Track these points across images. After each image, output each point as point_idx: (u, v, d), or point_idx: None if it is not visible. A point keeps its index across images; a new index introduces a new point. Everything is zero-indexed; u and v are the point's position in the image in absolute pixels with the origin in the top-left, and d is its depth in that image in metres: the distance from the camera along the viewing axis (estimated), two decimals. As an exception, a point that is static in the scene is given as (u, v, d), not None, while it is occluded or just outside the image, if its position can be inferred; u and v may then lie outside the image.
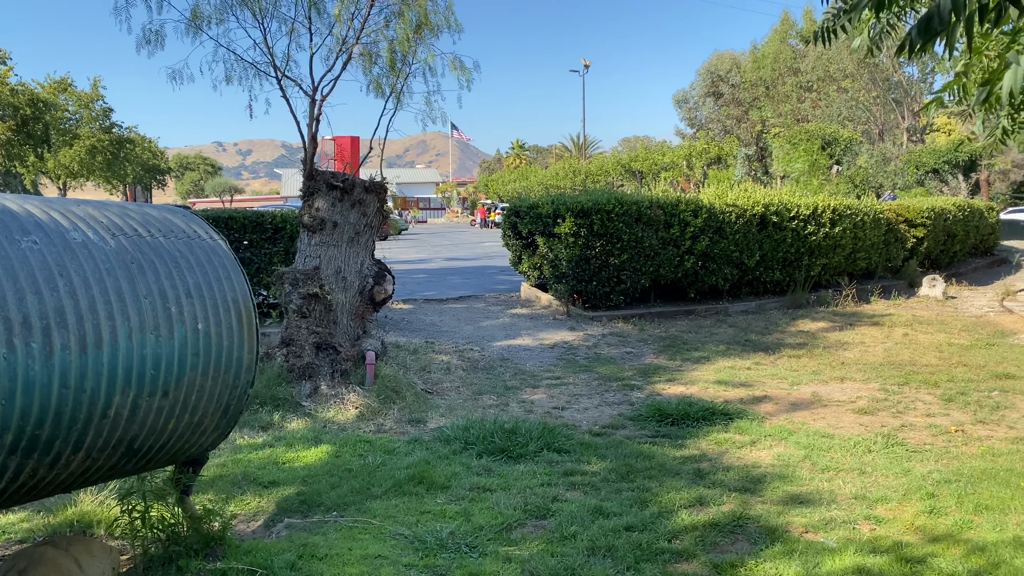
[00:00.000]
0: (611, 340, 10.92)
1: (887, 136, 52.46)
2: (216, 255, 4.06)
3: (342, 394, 7.12)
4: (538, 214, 12.47)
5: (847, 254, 15.10)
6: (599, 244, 12.08)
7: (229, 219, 10.20)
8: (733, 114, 61.61)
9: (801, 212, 14.08)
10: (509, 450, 5.94)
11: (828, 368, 9.33)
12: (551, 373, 8.99)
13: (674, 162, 40.54)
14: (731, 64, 63.04)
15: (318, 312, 7.47)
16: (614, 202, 12.10)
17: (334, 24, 7.41)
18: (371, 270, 7.92)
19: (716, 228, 13.08)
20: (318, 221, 7.62)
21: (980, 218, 21.15)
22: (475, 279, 17.78)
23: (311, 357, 7.34)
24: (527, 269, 13.68)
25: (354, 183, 7.69)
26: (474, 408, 7.41)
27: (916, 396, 8.00)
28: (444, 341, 10.50)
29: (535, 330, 11.56)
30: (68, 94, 45.09)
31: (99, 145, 44.21)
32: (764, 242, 13.68)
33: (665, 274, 12.87)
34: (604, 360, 9.73)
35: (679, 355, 10.04)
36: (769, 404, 7.68)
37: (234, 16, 6.88)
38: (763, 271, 13.89)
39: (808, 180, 25.65)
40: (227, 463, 5.81)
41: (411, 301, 13.75)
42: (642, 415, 7.14)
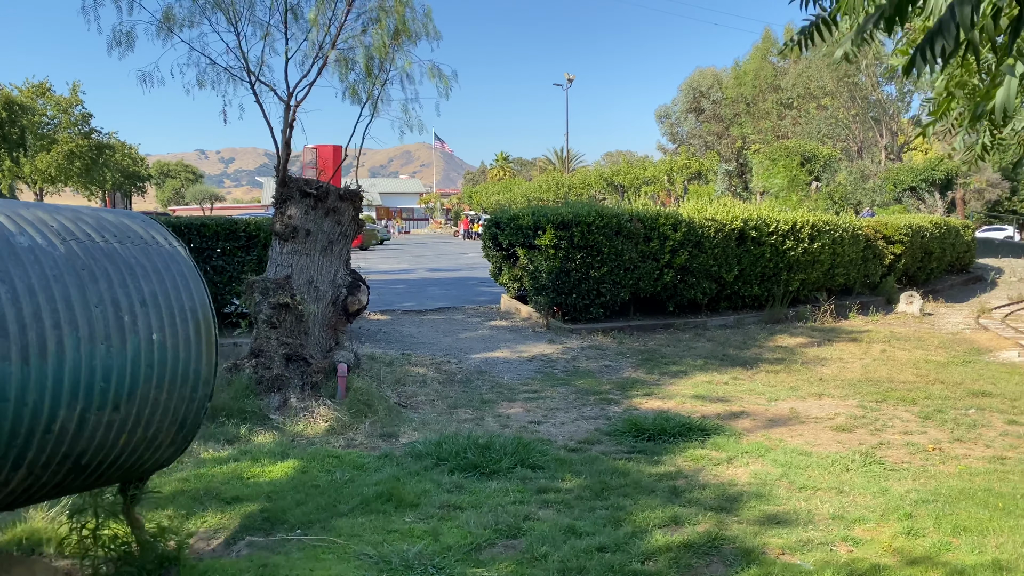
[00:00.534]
0: (590, 353, 10.81)
1: (865, 153, 52.98)
2: (175, 262, 3.90)
3: (312, 407, 6.95)
4: (519, 225, 12.36)
5: (825, 270, 15.12)
6: (579, 256, 11.99)
7: (201, 226, 10.01)
8: (714, 130, 62.01)
9: (780, 227, 14.08)
10: (482, 466, 5.80)
11: (806, 384, 9.27)
12: (529, 386, 8.86)
13: (655, 176, 40.68)
14: (713, 80, 63.50)
15: (289, 323, 7.30)
16: (594, 215, 12.02)
17: (310, 29, 7.28)
18: (345, 280, 7.77)
19: (695, 242, 13.04)
20: (290, 229, 7.47)
21: (956, 236, 21.32)
22: (455, 290, 17.64)
23: (281, 369, 7.16)
24: (507, 281, 13.56)
25: (328, 191, 7.55)
26: (449, 422, 7.26)
27: (894, 413, 7.95)
28: (421, 353, 10.34)
29: (514, 343, 11.43)
30: (46, 99, 44.56)
31: (77, 151, 43.68)
32: (743, 257, 13.65)
33: (644, 287, 12.80)
34: (582, 373, 9.61)
35: (657, 369, 9.95)
36: (746, 420, 7.59)
37: (207, 19, 6.74)
38: (742, 286, 13.86)
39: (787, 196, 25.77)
40: (190, 477, 5.63)
41: (389, 312, 13.58)
42: (619, 430, 7.02)
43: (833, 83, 50.96)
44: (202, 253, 10.06)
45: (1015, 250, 30.87)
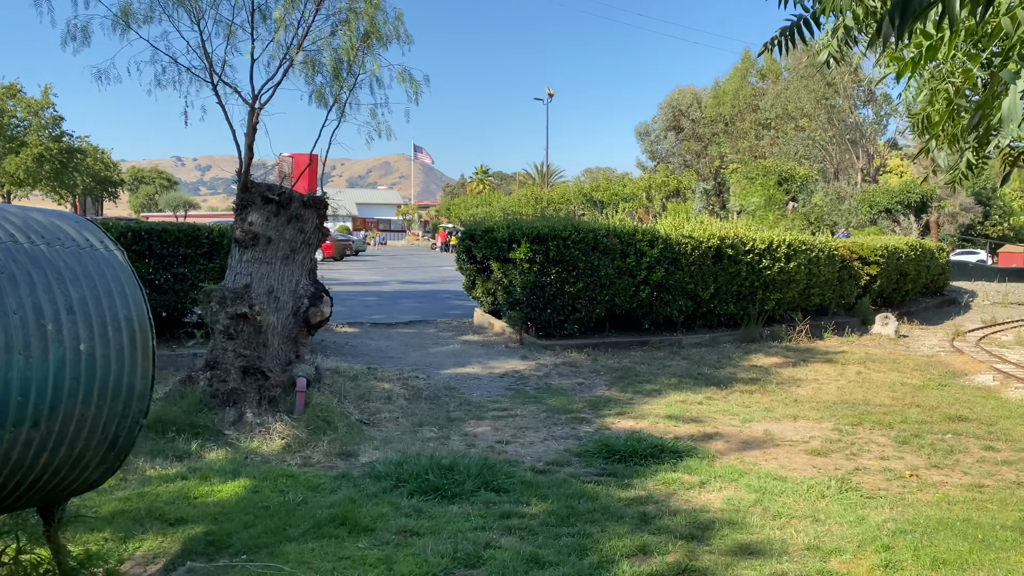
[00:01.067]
0: (563, 370, 10.57)
1: (842, 175, 53.45)
2: (110, 267, 3.61)
3: (268, 423, 6.64)
4: (493, 238, 12.13)
5: (801, 289, 15.02)
6: (554, 271, 11.77)
7: (162, 232, 9.66)
8: (693, 148, 62.36)
9: (756, 246, 13.96)
10: (444, 489, 5.52)
11: (781, 405, 9.08)
12: (498, 404, 8.59)
13: (634, 193, 40.71)
14: (692, 99, 63.94)
15: (247, 334, 6.99)
16: (571, 229, 11.82)
17: (276, 29, 7.01)
18: (307, 290, 7.47)
19: (672, 259, 12.87)
20: (251, 236, 7.17)
21: (931, 258, 21.39)
22: (429, 303, 17.36)
23: (237, 382, 6.85)
24: (481, 295, 13.31)
25: (291, 197, 7.26)
26: (412, 441, 6.97)
27: (870, 437, 7.77)
28: (388, 368, 10.05)
29: (486, 358, 11.16)
30: (16, 100, 43.82)
31: (47, 154, 42.94)
32: (719, 275, 13.51)
33: (620, 304, 12.60)
34: (555, 391, 9.36)
35: (631, 387, 9.73)
36: (720, 442, 7.37)
37: (166, 15, 6.45)
38: (717, 304, 13.71)
39: (764, 215, 25.78)
40: (132, 497, 5.30)
41: (358, 325, 13.27)
42: (589, 451, 6.78)
43: (811, 104, 51.42)
44: (163, 260, 9.72)
45: (987, 274, 31.15)
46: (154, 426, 6.44)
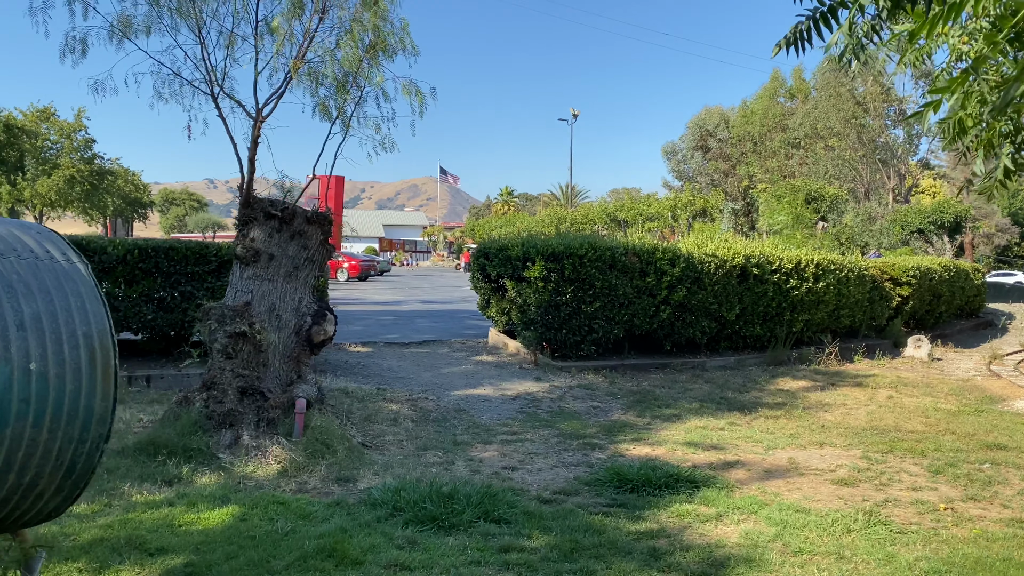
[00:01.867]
0: (578, 393, 10.22)
1: (872, 195, 52.62)
2: (70, 281, 3.37)
3: (265, 446, 6.37)
4: (507, 256, 11.84)
5: (830, 310, 14.54)
6: (570, 290, 11.45)
7: (169, 249, 9.51)
8: (720, 168, 61.85)
9: (783, 265, 13.54)
10: (442, 518, 5.20)
11: (807, 431, 8.65)
12: (508, 428, 8.26)
13: (659, 213, 40.29)
14: (720, 119, 63.52)
15: (246, 353, 6.75)
16: (587, 247, 11.50)
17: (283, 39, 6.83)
18: (310, 308, 7.23)
19: (694, 278, 12.50)
20: (252, 252, 6.95)
21: (966, 279, 20.73)
22: (445, 323, 17.09)
23: (234, 403, 6.59)
24: (495, 314, 13.01)
25: (295, 212, 7.04)
26: (415, 466, 6.66)
27: (901, 466, 7.33)
28: (398, 388, 9.77)
29: (498, 379, 10.84)
30: (50, 123, 44.57)
31: (78, 175, 43.54)
32: (744, 295, 13.10)
33: (640, 324, 12.23)
34: (568, 415, 9.02)
35: (649, 412, 9.35)
36: (741, 470, 6.98)
37: (164, 26, 6.28)
38: (743, 325, 13.29)
39: (792, 233, 25.25)
40: (114, 524, 5.04)
41: (371, 344, 13.02)
42: (600, 479, 6.42)
43: (840, 124, 50.78)
44: (170, 278, 9.56)
45: (1025, 295, 30.24)
46: (146, 449, 6.21)
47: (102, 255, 9.17)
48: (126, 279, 9.37)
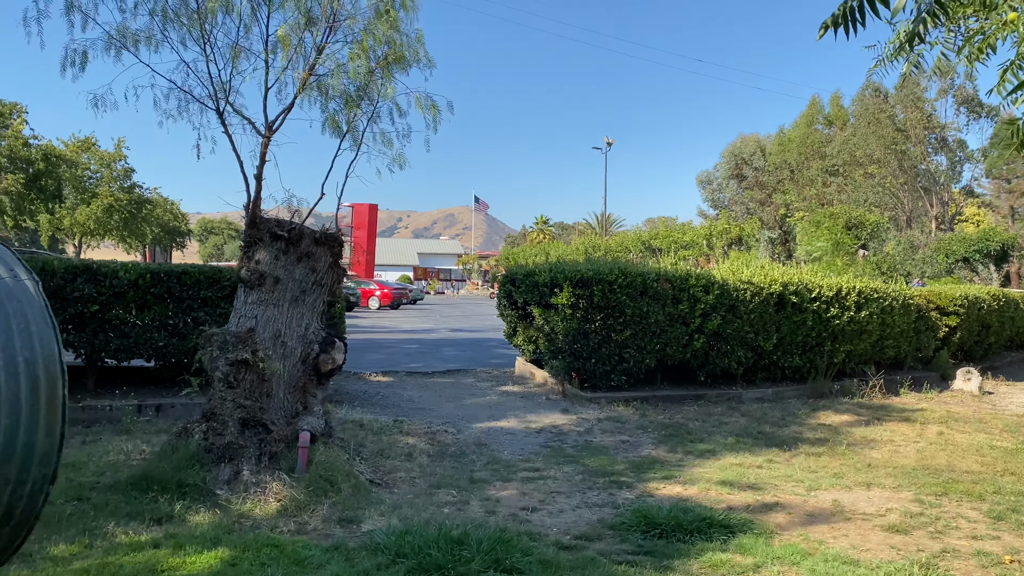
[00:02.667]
0: (607, 426, 9.68)
1: (915, 223, 51.35)
2: (13, 300, 2.99)
3: (264, 482, 5.95)
4: (534, 282, 11.39)
5: (874, 341, 13.83)
6: (599, 318, 10.95)
7: (182, 274, 9.23)
8: (756, 197, 60.94)
9: (823, 293, 12.90)
10: (448, 567, 4.71)
11: (852, 470, 8.01)
12: (530, 464, 7.75)
13: (694, 241, 39.61)
14: (755, 147, 62.76)
15: (249, 382, 6.36)
16: (617, 273, 11.01)
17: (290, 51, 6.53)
18: (318, 335, 6.83)
19: (729, 306, 11.92)
20: (257, 275, 6.60)
21: (1016, 309, 19.79)
22: (472, 351, 16.65)
23: (234, 435, 6.20)
24: (522, 342, 12.54)
25: (302, 233, 6.68)
26: (425, 506, 6.19)
27: (958, 511, 6.68)
28: (417, 420, 9.32)
29: (523, 411, 10.34)
30: (91, 153, 45.35)
31: (116, 204, 44.15)
32: (782, 324, 12.48)
33: (672, 354, 11.67)
34: (595, 450, 8.48)
35: (681, 447, 8.77)
36: (781, 514, 6.39)
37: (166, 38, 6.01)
38: (781, 355, 12.65)
39: (832, 260, 24.46)
40: (91, 568, 4.63)
41: (393, 373, 12.62)
42: (626, 523, 5.88)
43: (880, 151, 49.75)
44: (182, 303, 9.26)
45: (1079, 326, 28.95)
46: (138, 483, 5.83)
47: (113, 279, 8.92)
48: (137, 304, 9.10)
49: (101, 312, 8.94)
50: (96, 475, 6.28)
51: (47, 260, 8.71)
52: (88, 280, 8.80)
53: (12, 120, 38.40)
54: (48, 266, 8.65)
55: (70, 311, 8.81)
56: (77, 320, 8.95)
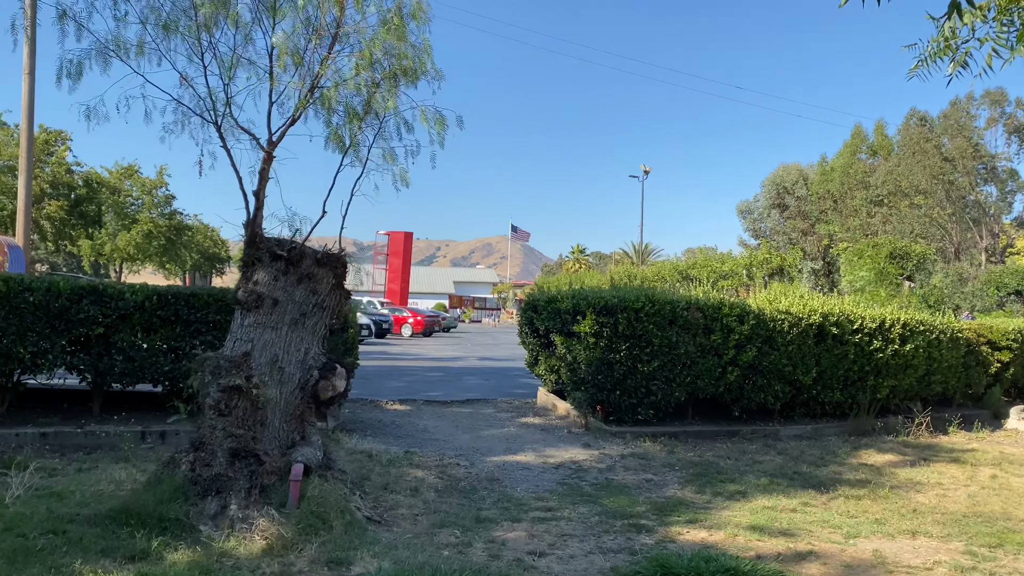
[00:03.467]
0: (631, 463, 9.13)
1: (963, 255, 49.82)
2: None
3: (252, 518, 5.54)
4: (556, 309, 10.93)
5: (920, 376, 13.07)
6: (625, 347, 10.43)
7: (190, 296, 8.94)
8: (799, 227, 59.79)
9: (866, 325, 12.22)
10: (435, 619, 4.24)
11: (896, 516, 7.36)
12: (543, 502, 7.24)
13: (733, 271, 38.78)
14: (797, 176, 61.71)
15: (242, 410, 5.99)
16: (644, 300, 10.50)
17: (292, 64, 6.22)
18: (317, 361, 6.45)
19: (765, 337, 11.32)
20: (255, 297, 6.25)
21: (1075, 344, 18.73)
22: (495, 380, 16.18)
23: (223, 467, 5.81)
24: (544, 372, 12.04)
25: (303, 253, 6.34)
26: (424, 546, 5.72)
27: (1015, 566, 6.02)
28: (429, 452, 8.88)
29: (542, 444, 9.84)
30: (133, 180, 46.14)
31: (155, 231, 44.76)
32: (822, 356, 11.82)
33: (704, 387, 11.09)
34: (615, 489, 7.94)
35: (710, 487, 8.19)
36: (815, 564, 5.81)
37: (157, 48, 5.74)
38: (821, 390, 11.98)
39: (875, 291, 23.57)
40: (48, 611, 4.26)
41: (410, 402, 12.20)
42: (641, 572, 5.34)
43: (927, 181, 48.49)
44: (190, 327, 8.98)
45: None
46: (118, 517, 5.46)
47: (119, 301, 8.67)
48: (144, 327, 8.83)
49: (106, 335, 8.69)
50: (79, 506, 5.93)
51: (53, 281, 8.49)
52: (94, 301, 8.56)
53: (57, 147, 39.29)
54: (54, 287, 8.43)
55: (75, 333, 8.58)
56: (82, 342, 8.71)
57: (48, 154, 38.46)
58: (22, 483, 6.28)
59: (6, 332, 8.26)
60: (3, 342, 8.27)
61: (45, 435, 8.38)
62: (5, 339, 8.27)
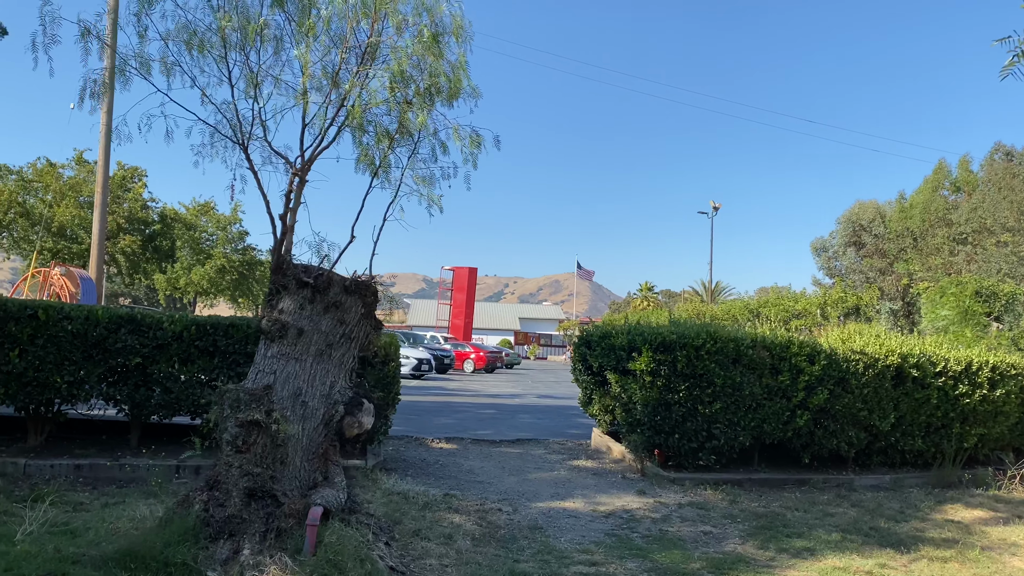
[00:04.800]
0: (688, 513, 8.43)
1: (1057, 296, 46.97)
2: None
3: (264, 564, 5.12)
4: (610, 345, 10.34)
5: (1012, 424, 11.95)
6: (684, 387, 9.76)
7: (229, 327, 8.71)
8: (876, 265, 57.56)
9: (950, 367, 11.24)
10: None
11: (989, 584, 6.51)
12: (588, 555, 6.64)
13: (806, 310, 37.29)
14: (875, 214, 59.63)
15: (260, 447, 5.61)
16: (704, 337, 9.83)
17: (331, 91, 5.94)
18: (343, 395, 6.05)
19: (838, 379, 10.49)
20: (279, 326, 5.91)
21: None
22: (549, 420, 15.57)
23: (237, 508, 5.43)
24: (598, 412, 11.42)
25: (330, 280, 5.98)
26: (449, 602, 5.21)
27: None
28: (470, 496, 8.36)
29: (594, 490, 9.21)
30: (209, 216, 47.44)
31: (228, 265, 45.78)
32: (901, 401, 10.90)
33: (771, 431, 10.31)
34: (669, 542, 7.27)
35: (774, 542, 7.44)
36: (895, 641, 5.06)
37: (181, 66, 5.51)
38: (900, 437, 11.03)
39: (960, 331, 22.13)
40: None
41: (458, 440, 11.71)
42: (690, 642, 4.72)
43: (1014, 218, 46.15)
44: (228, 357, 8.73)
45: None
46: (121, 560, 5.10)
47: (157, 331, 8.49)
48: (181, 358, 8.62)
49: (144, 365, 8.50)
50: (89, 545, 5.61)
51: (92, 310, 8.37)
52: (131, 331, 8.40)
53: (133, 183, 40.73)
54: (92, 315, 8.31)
55: (112, 363, 8.41)
56: (120, 372, 8.54)
57: (125, 190, 39.90)
58: (37, 518, 6.02)
59: (44, 361, 8.14)
60: (41, 371, 8.15)
61: (79, 467, 8.19)
62: (43, 368, 8.15)
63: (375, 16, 5.72)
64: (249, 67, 5.91)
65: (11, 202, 37.45)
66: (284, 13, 5.70)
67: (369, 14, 5.59)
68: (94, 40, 5.36)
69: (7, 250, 39.73)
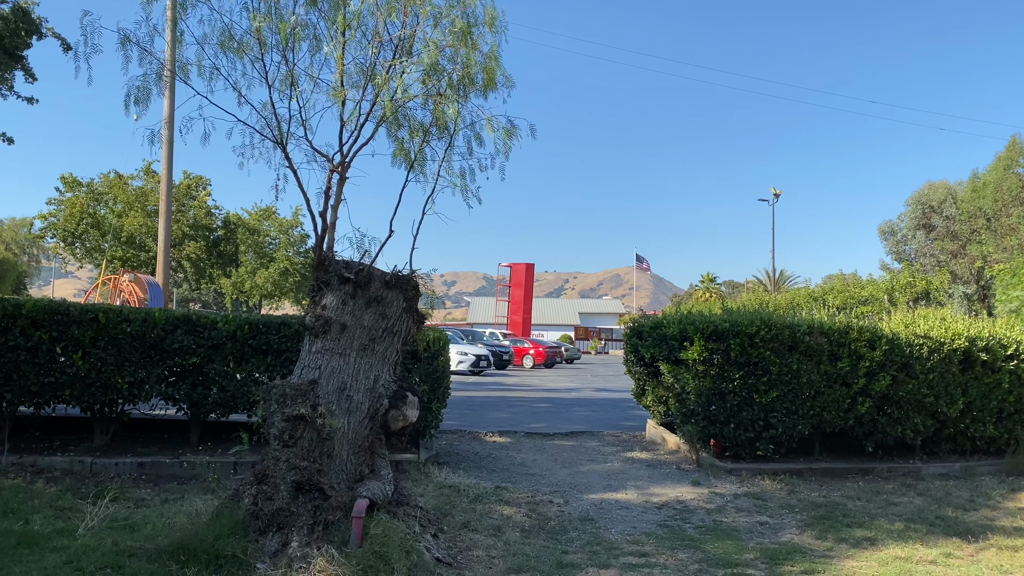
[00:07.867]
0: (744, 503, 8.26)
1: None
2: None
3: (311, 556, 5.19)
4: (662, 335, 10.20)
5: (1092, 408, 11.39)
6: (738, 376, 9.57)
7: (281, 325, 8.88)
8: (948, 248, 55.58)
9: (1022, 350, 10.77)
10: None
11: (1064, 575, 6.20)
12: (638, 546, 6.56)
13: (873, 296, 36.24)
14: (945, 194, 57.55)
15: (307, 441, 5.70)
16: (759, 324, 9.62)
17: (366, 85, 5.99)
18: (388, 389, 6.09)
19: (901, 364, 10.15)
20: (322, 322, 5.99)
21: None
22: (604, 412, 15.46)
23: (285, 501, 5.52)
24: (651, 403, 11.28)
25: (371, 275, 6.03)
26: (494, 593, 5.20)
27: None
28: (522, 488, 8.35)
29: (647, 481, 9.11)
30: (271, 221, 48.53)
31: (291, 268, 46.75)
32: (969, 386, 10.49)
33: (830, 419, 10.03)
34: (723, 532, 7.14)
35: (833, 532, 7.24)
36: (957, 632, 4.86)
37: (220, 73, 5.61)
38: (969, 423, 10.62)
39: (1034, 312, 21.19)
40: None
41: (511, 434, 11.71)
42: (739, 633, 4.62)
43: (1095, 193, 43.98)
44: (281, 355, 8.90)
45: None
46: (175, 553, 5.23)
47: (211, 331, 8.70)
48: (235, 356, 8.82)
49: (200, 364, 8.73)
50: (147, 539, 5.78)
51: (149, 312, 8.62)
52: (188, 331, 8.62)
53: (198, 192, 41.95)
54: (150, 317, 8.56)
55: (170, 363, 8.66)
56: (177, 372, 8.78)
57: (191, 198, 41.14)
58: (98, 513, 6.23)
59: (105, 363, 8.42)
60: (103, 372, 8.43)
61: (142, 465, 8.45)
62: (105, 369, 8.43)
63: (406, 10, 5.74)
64: (287, 65, 5.99)
65: (83, 213, 38.96)
66: (317, 11, 5.76)
67: (400, 6, 5.61)
68: (134, 47, 5.50)
69: (80, 259, 41.35)
